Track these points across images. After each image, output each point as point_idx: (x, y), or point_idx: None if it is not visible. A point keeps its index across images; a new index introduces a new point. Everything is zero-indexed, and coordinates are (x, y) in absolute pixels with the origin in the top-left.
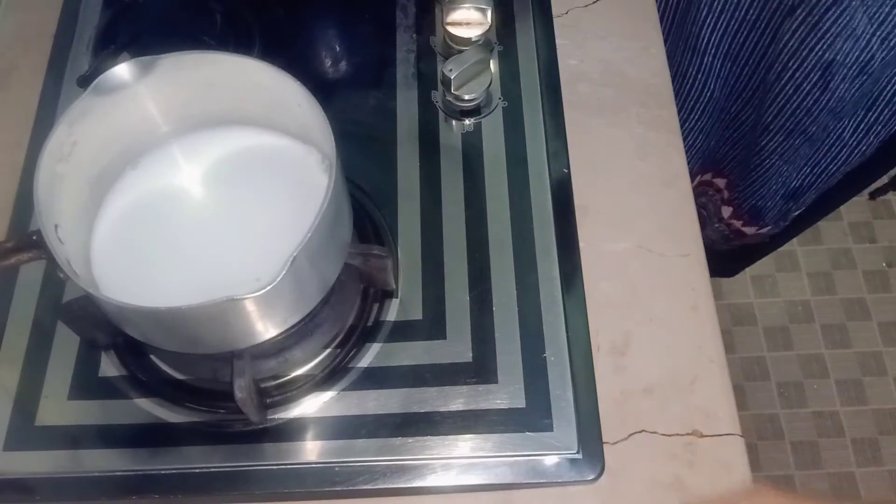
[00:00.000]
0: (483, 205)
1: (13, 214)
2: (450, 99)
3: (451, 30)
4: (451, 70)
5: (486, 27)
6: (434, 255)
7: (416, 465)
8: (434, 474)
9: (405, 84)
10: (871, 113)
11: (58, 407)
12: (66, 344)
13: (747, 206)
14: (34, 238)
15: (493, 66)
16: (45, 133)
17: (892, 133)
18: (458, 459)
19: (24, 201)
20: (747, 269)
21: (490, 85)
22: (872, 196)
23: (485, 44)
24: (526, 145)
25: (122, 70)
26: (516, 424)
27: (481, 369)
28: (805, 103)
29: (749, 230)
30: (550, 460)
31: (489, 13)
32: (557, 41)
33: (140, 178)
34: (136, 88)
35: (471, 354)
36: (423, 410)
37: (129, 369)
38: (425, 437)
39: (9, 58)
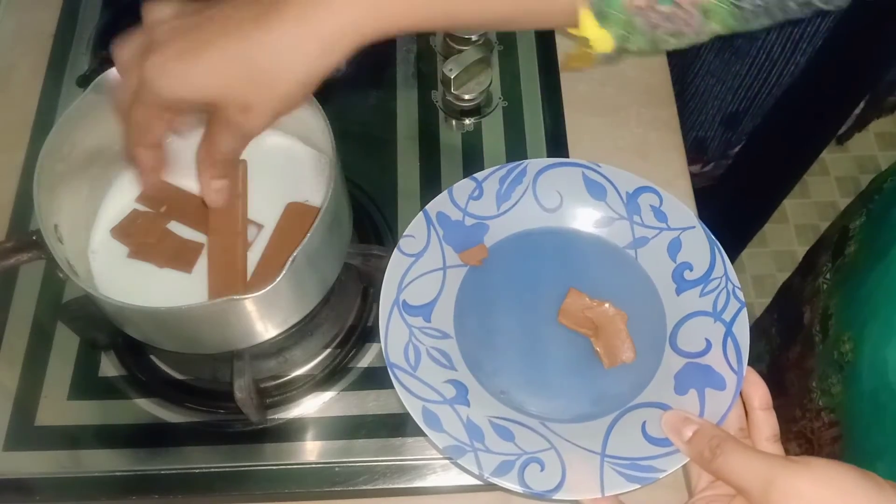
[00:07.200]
0: None
1: (13, 214)
2: (450, 99)
3: None
4: (451, 70)
5: None
6: None
7: (416, 465)
8: (434, 474)
9: (405, 84)
10: (797, 28)
11: (57, 407)
12: (65, 344)
13: (690, 140)
14: (34, 238)
15: (493, 66)
16: (45, 133)
17: (818, 49)
18: None
19: (24, 201)
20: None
21: (490, 85)
22: (840, 141)
23: (485, 44)
24: (526, 145)
25: None
26: None
27: None
28: None
29: (694, 168)
30: None
31: None
32: (557, 41)
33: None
34: None
35: None
36: None
37: (129, 369)
38: (425, 437)
39: (9, 58)
